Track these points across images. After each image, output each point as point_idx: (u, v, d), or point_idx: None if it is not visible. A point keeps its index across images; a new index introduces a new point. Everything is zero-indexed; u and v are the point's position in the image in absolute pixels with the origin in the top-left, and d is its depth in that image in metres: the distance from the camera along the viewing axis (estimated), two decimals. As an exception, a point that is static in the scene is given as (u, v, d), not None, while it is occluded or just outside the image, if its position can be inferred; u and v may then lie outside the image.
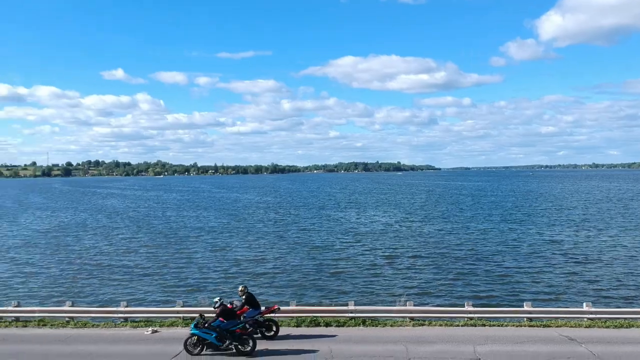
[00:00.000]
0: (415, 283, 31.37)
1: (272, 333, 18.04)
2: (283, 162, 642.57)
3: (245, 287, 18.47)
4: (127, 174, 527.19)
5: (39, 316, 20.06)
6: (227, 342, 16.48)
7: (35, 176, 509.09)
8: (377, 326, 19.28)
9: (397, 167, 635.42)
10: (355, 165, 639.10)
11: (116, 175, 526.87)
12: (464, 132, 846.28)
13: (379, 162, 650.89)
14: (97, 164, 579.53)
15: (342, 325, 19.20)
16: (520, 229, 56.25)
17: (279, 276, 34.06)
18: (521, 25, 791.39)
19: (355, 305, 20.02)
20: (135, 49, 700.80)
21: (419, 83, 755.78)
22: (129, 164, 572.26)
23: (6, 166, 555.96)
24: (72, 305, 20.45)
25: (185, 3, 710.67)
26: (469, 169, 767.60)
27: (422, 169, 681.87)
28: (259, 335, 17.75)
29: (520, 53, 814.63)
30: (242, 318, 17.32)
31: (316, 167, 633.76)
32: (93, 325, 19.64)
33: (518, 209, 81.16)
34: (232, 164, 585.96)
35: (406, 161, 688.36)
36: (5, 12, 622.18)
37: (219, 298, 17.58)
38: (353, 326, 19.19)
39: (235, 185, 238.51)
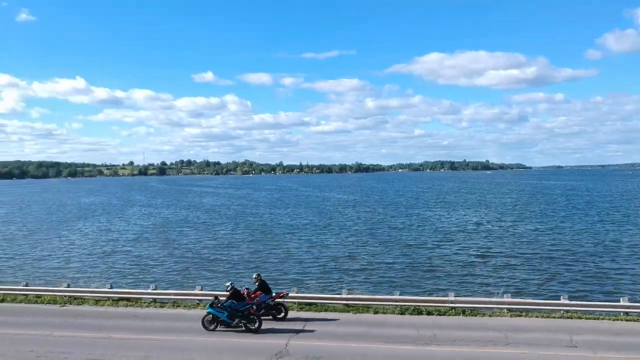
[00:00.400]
0: (509, 280, 32.17)
1: (282, 315, 20.22)
2: (367, 161, 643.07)
3: (259, 275, 20.79)
4: (217, 173, 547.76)
5: (173, 298, 23.11)
6: (237, 320, 18.93)
7: (133, 175, 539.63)
8: (476, 316, 20.65)
9: (486, 166, 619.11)
10: (442, 164, 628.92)
11: (206, 174, 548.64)
12: (557, 129, 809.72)
13: (466, 160, 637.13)
14: (189, 163, 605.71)
15: (443, 314, 20.72)
16: (618, 230, 54.80)
17: (376, 271, 35.89)
18: (620, 15, 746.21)
19: (454, 296, 21.51)
20: (223, 52, 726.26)
21: (508, 79, 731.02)
22: (218, 163, 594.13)
23: (106, 165, 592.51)
24: (201, 289, 23.36)
25: (270, 6, 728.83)
26: (561, 167, 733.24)
27: (511, 168, 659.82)
28: (270, 317, 19.92)
29: (618, 45, 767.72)
30: (255, 301, 19.59)
31: (401, 166, 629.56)
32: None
33: (616, 210, 78.31)
34: (316, 163, 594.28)
35: (495, 160, 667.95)
36: (105, 22, 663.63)
37: (230, 283, 20.05)
38: (453, 315, 20.67)
39: (321, 184, 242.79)
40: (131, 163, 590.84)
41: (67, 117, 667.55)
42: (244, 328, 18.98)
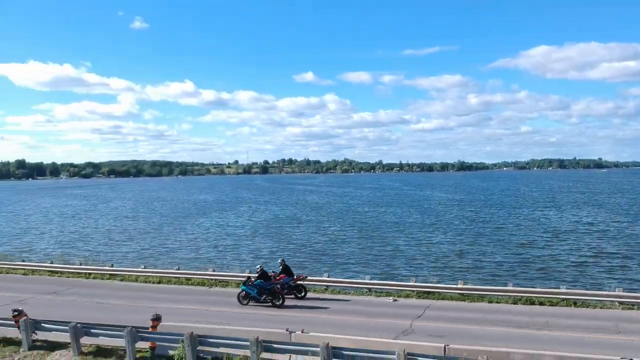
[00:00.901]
0: (622, 277, 32.37)
1: (302, 295, 23.98)
2: (470, 159, 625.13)
3: (283, 260, 24.74)
4: (317, 172, 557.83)
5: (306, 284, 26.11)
6: (264, 296, 22.94)
7: (238, 173, 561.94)
8: (587, 307, 21.85)
9: (598, 164, 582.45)
10: (550, 162, 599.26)
11: (307, 172, 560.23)
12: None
13: (577, 158, 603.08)
14: (290, 162, 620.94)
15: (555, 305, 22.10)
16: None
17: (487, 267, 37.30)
18: None
19: (566, 289, 22.78)
20: (323, 52, 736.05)
21: (624, 71, 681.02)
22: (318, 162, 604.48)
23: (213, 164, 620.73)
24: (328, 276, 26.24)
25: (369, 4, 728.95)
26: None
27: (627, 166, 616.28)
28: (292, 295, 23.60)
29: None
30: (280, 282, 23.25)
31: (506, 164, 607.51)
32: (345, 292, 25.12)
33: None
34: (416, 161, 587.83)
35: (609, 157, 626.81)
36: (212, 27, 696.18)
37: (259, 265, 24.05)
38: (565, 306, 21.99)
39: (423, 182, 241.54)
40: (236, 162, 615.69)
41: (177, 118, 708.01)
42: (270, 303, 22.92)
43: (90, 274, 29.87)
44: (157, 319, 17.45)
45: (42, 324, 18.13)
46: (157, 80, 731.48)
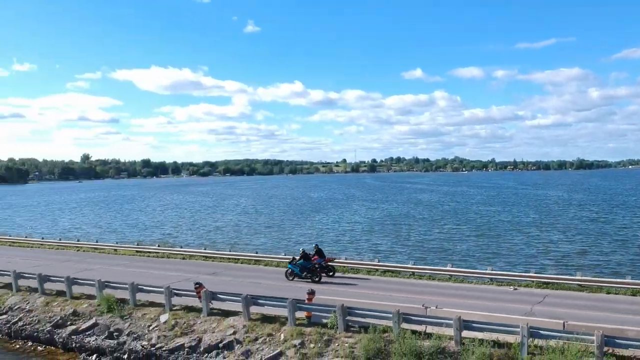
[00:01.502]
0: None
1: (332, 274, 28.44)
2: (590, 157, 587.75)
3: (317, 245, 30.04)
4: (426, 170, 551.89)
5: (428, 273, 28.72)
6: (305, 273, 27.61)
7: (346, 172, 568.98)
8: None
9: None
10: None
11: (416, 171, 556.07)
12: None
13: None
14: (398, 160, 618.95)
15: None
16: None
17: (606, 265, 37.68)
18: None
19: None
20: (432, 48, 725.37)
21: None
22: (427, 160, 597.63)
23: (322, 163, 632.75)
24: (452, 266, 28.63)
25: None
26: None
27: None
28: (324, 274, 28.11)
29: None
30: (315, 262, 27.96)
31: (631, 162, 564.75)
32: (467, 282, 27.33)
33: None
34: (532, 159, 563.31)
35: None
36: (320, 28, 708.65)
37: (302, 249, 29.01)
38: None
39: (539, 181, 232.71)
40: (344, 161, 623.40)
41: (287, 118, 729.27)
42: (309, 279, 27.50)
43: (238, 259, 34.34)
44: (312, 292, 20.96)
45: (218, 295, 22.28)
46: (268, 82, 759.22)
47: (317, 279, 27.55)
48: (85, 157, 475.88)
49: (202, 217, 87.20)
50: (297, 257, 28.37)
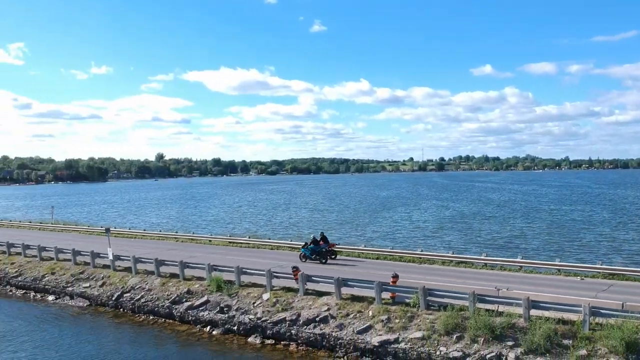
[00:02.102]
0: None
1: (334, 257, 33.80)
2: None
3: (323, 232, 35.19)
4: (496, 169, 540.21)
5: (499, 264, 31.02)
6: (314, 256, 32.94)
7: (413, 170, 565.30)
8: None
9: None
10: None
11: (485, 169, 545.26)
12: None
13: None
14: (467, 158, 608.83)
15: None
16: None
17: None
18: None
19: None
20: (502, 44, 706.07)
21: None
22: (497, 158, 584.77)
23: (388, 162, 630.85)
24: (522, 258, 30.88)
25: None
26: None
27: None
28: (328, 257, 33.34)
29: None
30: (322, 247, 33.12)
31: None
32: (537, 272, 29.50)
33: None
34: (609, 157, 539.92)
35: None
36: (385, 26, 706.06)
37: (313, 235, 34.30)
38: None
39: (616, 180, 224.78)
40: (411, 159, 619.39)
41: (353, 117, 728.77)
42: (317, 261, 32.96)
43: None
44: (395, 276, 23.99)
45: (313, 277, 25.68)
46: (334, 81, 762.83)
47: (324, 261, 33.06)
48: (160, 157, 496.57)
49: (277, 213, 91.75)
50: (309, 243, 33.90)
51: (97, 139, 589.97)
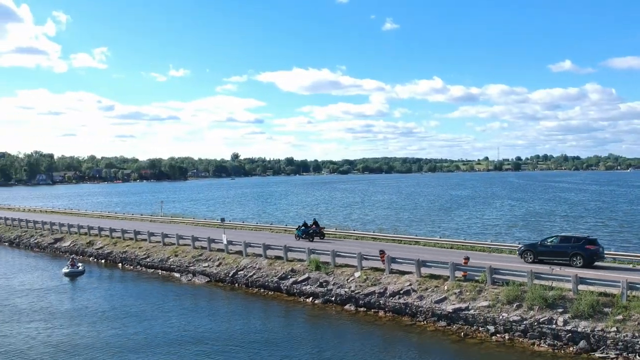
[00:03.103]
0: None
1: (322, 237, 43.70)
2: None
3: (315, 219, 46.17)
4: (576, 168, 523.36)
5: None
6: (304, 235, 43.22)
7: (488, 170, 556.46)
8: None
9: None
10: None
11: (564, 169, 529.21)
12: None
13: None
14: (545, 158, 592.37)
15: None
16: None
17: None
18: None
19: None
20: (583, 38, 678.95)
21: None
22: (577, 157, 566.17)
23: (462, 161, 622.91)
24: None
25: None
26: None
27: None
28: (317, 238, 43.46)
29: None
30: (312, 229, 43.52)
31: None
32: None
33: None
34: None
35: None
36: (459, 23, 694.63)
37: (304, 221, 45.59)
38: None
39: None
40: (486, 158, 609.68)
41: (426, 115, 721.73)
42: (307, 239, 42.83)
43: (400, 240, 43.01)
44: (467, 258, 29.02)
45: (397, 259, 31.06)
46: (406, 79, 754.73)
47: (311, 240, 43.06)
48: (235, 156, 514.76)
49: (354, 210, 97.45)
50: (301, 226, 44.60)
51: (175, 138, 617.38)
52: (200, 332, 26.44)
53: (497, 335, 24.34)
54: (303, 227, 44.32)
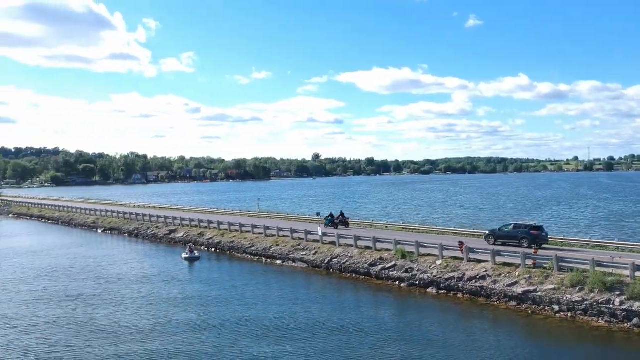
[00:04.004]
0: None
1: (345, 226, 52.59)
2: None
3: (342, 211, 56.88)
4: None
5: (630, 247, 37.88)
6: (330, 224, 52.28)
7: (577, 170, 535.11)
8: None
9: None
10: None
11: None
12: None
13: None
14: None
15: None
16: None
17: None
18: None
19: None
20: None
21: None
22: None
23: (550, 161, 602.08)
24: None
25: None
26: None
27: None
28: (342, 226, 52.39)
29: None
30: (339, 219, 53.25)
31: None
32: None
33: None
34: None
35: None
36: (548, 13, 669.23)
37: (331, 212, 56.93)
38: None
39: None
40: (575, 158, 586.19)
41: (511, 114, 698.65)
42: (334, 227, 51.05)
43: (480, 235, 46.92)
44: (536, 248, 32.90)
45: (474, 249, 35.33)
46: (490, 76, 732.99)
47: (335, 228, 50.89)
48: (316, 156, 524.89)
49: (436, 209, 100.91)
50: (328, 216, 54.25)
51: (257, 139, 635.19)
52: (301, 308, 32.06)
53: (561, 313, 28.26)
54: (330, 217, 53.70)
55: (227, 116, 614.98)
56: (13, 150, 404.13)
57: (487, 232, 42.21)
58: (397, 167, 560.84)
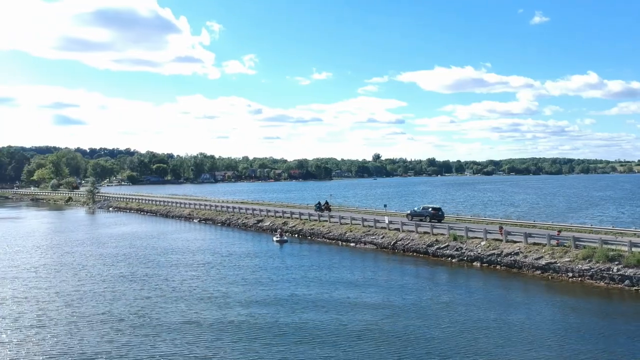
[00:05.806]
0: None
1: (329, 211, 70.02)
2: None
3: (327, 200, 78.36)
4: None
5: None
6: (317, 210, 69.27)
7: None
8: None
9: None
10: None
11: None
12: None
13: None
14: None
15: None
16: None
17: None
18: None
19: None
20: None
21: None
22: None
23: (620, 162, 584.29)
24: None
25: None
26: None
27: None
28: (327, 211, 69.09)
29: None
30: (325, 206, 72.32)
31: None
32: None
33: None
34: None
35: None
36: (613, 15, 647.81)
37: (319, 201, 77.42)
38: None
39: None
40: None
41: (579, 113, 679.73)
42: (318, 212, 68.45)
43: (515, 224, 55.69)
44: (559, 230, 41.93)
45: (511, 232, 44.59)
46: (557, 75, 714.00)
47: (322, 213, 67.08)
48: (376, 157, 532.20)
49: (489, 207, 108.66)
50: (316, 204, 72.62)
51: (318, 140, 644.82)
52: (382, 274, 42.38)
53: (573, 278, 37.39)
54: (318, 204, 74.22)
55: (288, 117, 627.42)
56: (88, 150, 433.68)
57: (407, 212, 61.70)
58: (459, 167, 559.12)
